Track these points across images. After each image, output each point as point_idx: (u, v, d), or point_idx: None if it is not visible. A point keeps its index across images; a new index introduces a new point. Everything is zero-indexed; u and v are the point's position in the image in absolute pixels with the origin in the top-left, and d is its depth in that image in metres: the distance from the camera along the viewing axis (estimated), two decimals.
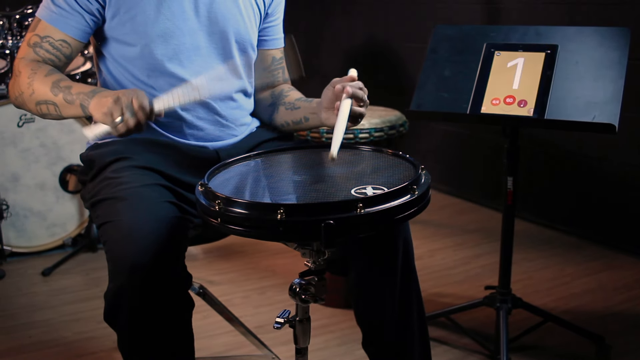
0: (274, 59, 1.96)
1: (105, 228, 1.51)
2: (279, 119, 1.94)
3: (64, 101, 1.59)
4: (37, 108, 1.65)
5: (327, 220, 1.20)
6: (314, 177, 1.44)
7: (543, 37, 2.14)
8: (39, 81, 1.62)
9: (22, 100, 1.67)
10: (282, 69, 1.98)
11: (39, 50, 1.68)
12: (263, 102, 1.98)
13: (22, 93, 1.66)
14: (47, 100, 1.62)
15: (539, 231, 3.57)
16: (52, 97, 1.61)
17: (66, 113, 1.62)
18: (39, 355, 2.36)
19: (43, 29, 1.69)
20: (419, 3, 4.28)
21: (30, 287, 2.91)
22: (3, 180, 3.09)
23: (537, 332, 2.38)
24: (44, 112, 1.64)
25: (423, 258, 3.25)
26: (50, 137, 3.15)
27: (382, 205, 1.25)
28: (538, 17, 3.53)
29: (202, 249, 3.34)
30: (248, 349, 2.35)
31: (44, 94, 1.62)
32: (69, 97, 1.59)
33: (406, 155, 1.49)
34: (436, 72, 2.21)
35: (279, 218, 1.22)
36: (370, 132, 2.59)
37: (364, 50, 4.82)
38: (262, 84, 1.97)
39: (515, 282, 2.91)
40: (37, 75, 1.63)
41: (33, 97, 1.64)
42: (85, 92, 1.57)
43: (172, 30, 1.71)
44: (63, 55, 1.71)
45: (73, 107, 1.59)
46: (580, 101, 2.00)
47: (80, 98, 1.57)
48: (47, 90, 1.61)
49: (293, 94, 1.93)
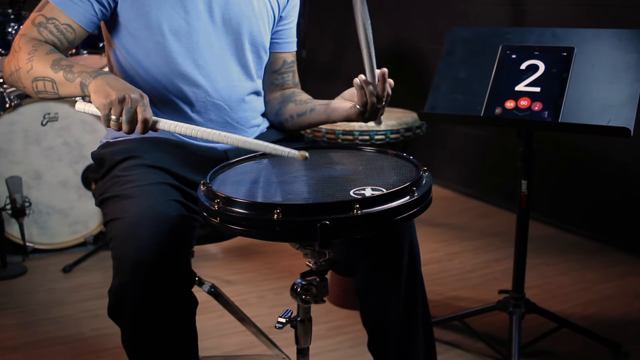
0: (285, 62, 1.97)
1: (110, 225, 1.53)
2: (285, 113, 1.92)
3: (63, 78, 1.55)
4: (33, 85, 1.60)
5: (323, 221, 1.20)
6: (316, 178, 1.44)
7: (560, 39, 2.11)
8: (39, 58, 1.58)
9: (18, 77, 1.62)
10: (293, 73, 1.98)
11: (42, 30, 1.65)
12: (272, 101, 1.98)
13: (19, 69, 1.61)
14: (45, 77, 1.57)
15: (560, 236, 3.53)
16: (51, 73, 1.56)
17: (63, 91, 1.57)
18: (54, 351, 2.40)
19: (50, 10, 1.66)
20: (443, 5, 4.26)
21: (50, 283, 2.96)
22: (27, 178, 3.14)
23: (551, 338, 2.35)
24: (40, 89, 1.60)
25: (442, 261, 3.23)
26: (73, 136, 3.20)
27: (380, 207, 1.25)
28: (563, 19, 3.49)
29: (222, 249, 3.36)
30: (260, 349, 2.36)
31: (42, 71, 1.57)
32: (69, 75, 1.54)
33: (409, 156, 1.49)
34: (451, 74, 2.20)
35: (275, 218, 1.22)
36: (386, 133, 2.59)
37: (389, 52, 4.81)
38: (272, 86, 1.97)
39: (534, 287, 2.89)
40: (37, 52, 1.59)
41: (30, 72, 1.59)
42: (88, 72, 1.53)
43: (186, 28, 1.72)
44: (66, 39, 1.68)
45: (72, 86, 1.54)
46: (596, 104, 1.97)
47: (82, 76, 1.53)
48: (46, 67, 1.57)
49: (305, 95, 1.94)
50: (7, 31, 3.28)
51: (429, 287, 2.92)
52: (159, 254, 1.42)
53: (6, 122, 3.08)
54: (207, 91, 1.77)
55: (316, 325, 2.56)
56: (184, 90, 1.76)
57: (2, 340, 2.47)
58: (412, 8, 4.53)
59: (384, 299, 1.66)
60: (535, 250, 3.32)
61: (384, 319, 1.68)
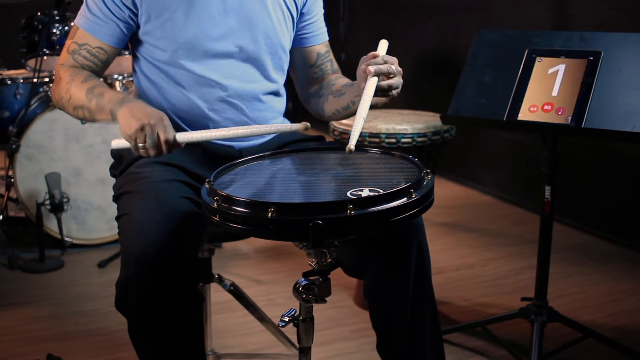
0: (319, 54, 1.96)
1: (121, 220, 1.57)
2: (328, 108, 1.92)
3: (96, 107, 1.64)
4: (74, 112, 1.72)
5: (315, 221, 1.21)
6: (317, 178, 1.45)
7: (587, 43, 2.07)
8: (76, 87, 1.69)
9: (62, 105, 1.75)
10: (330, 62, 1.98)
11: (77, 57, 1.75)
12: (314, 95, 1.97)
13: (61, 98, 1.73)
14: (83, 106, 1.68)
15: (599, 244, 3.46)
16: (86, 102, 1.66)
17: (99, 118, 1.67)
18: (81, 343, 2.46)
19: (81, 37, 1.75)
20: (487, 9, 4.22)
21: (85, 278, 3.03)
22: (66, 175, 3.23)
23: (576, 348, 2.30)
24: (80, 116, 1.71)
25: (474, 267, 3.20)
26: (112, 134, 3.28)
27: (374, 208, 1.25)
28: (604, 23, 3.42)
29: (254, 249, 3.39)
30: (281, 348, 2.37)
31: (79, 99, 1.68)
32: (101, 103, 1.63)
33: (414, 158, 1.48)
34: (476, 77, 2.18)
35: (269, 216, 1.24)
36: (413, 137, 2.57)
37: (433, 55, 4.78)
38: (312, 80, 1.98)
39: (566, 295, 2.84)
40: (74, 82, 1.70)
41: (70, 101, 1.70)
42: (115, 101, 1.61)
43: (200, 36, 1.75)
44: (100, 61, 1.77)
45: (105, 114, 1.63)
46: (621, 110, 1.93)
47: (111, 104, 1.61)
48: (82, 95, 1.67)
49: (340, 81, 1.92)
50: (52, 32, 3.37)
51: (457, 293, 2.93)
52: (164, 249, 1.44)
53: (48, 120, 3.18)
54: (224, 90, 1.79)
55: (340, 327, 2.59)
56: (200, 89, 1.79)
57: (33, 330, 2.55)
58: (458, 13, 4.50)
59: (392, 301, 1.66)
60: (572, 258, 3.27)
61: (392, 321, 1.68)
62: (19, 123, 3.29)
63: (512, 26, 4.00)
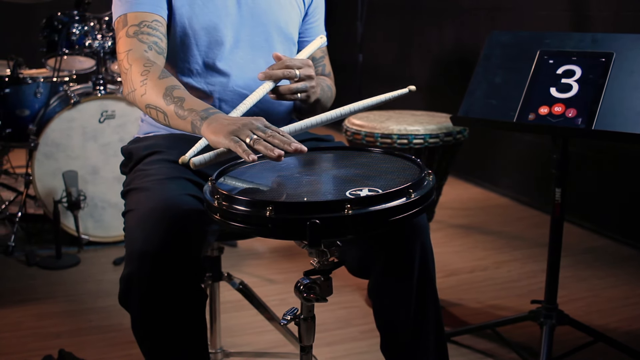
0: (314, 59, 1.98)
1: (127, 216, 1.59)
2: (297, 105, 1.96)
3: (174, 114, 1.54)
4: (146, 110, 1.62)
5: (313, 220, 1.22)
6: (318, 178, 1.45)
7: (599, 45, 2.06)
8: (152, 83, 1.60)
9: (133, 98, 1.65)
10: (323, 66, 2.00)
11: (142, 37, 1.69)
12: None
13: (134, 90, 1.63)
14: (158, 107, 1.58)
15: (615, 248, 3.42)
16: (163, 105, 1.56)
17: (174, 125, 1.57)
18: (94, 339, 2.49)
19: (134, 18, 1.71)
20: (507, 10, 4.19)
21: (100, 275, 3.07)
22: (83, 173, 3.27)
23: (586, 352, 2.28)
24: (153, 116, 1.62)
25: (488, 269, 3.18)
26: (129, 133, 3.31)
27: (372, 207, 1.25)
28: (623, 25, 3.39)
29: (268, 248, 3.41)
30: (290, 348, 2.38)
31: (155, 100, 1.58)
32: (180, 111, 1.53)
33: (417, 159, 1.48)
34: (487, 78, 2.17)
35: (267, 215, 1.24)
36: (424, 138, 2.57)
37: (453, 57, 4.77)
38: None
39: (580, 299, 2.82)
40: (150, 75, 1.61)
41: (144, 98, 1.61)
42: (198, 111, 1.51)
43: (216, 23, 1.78)
44: (161, 34, 1.73)
45: (183, 123, 1.53)
46: (632, 112, 1.91)
47: (192, 116, 1.50)
48: (159, 95, 1.57)
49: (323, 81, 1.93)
50: (71, 32, 3.41)
51: (471, 295, 2.92)
52: (166, 246, 1.45)
53: (66, 118, 3.22)
54: (235, 81, 1.81)
55: (350, 328, 2.60)
56: (212, 80, 1.81)
57: (47, 326, 2.59)
58: (479, 15, 4.48)
59: (395, 302, 1.66)
60: (586, 261, 3.24)
61: (395, 321, 1.68)
62: (38, 122, 3.33)
63: (530, 28, 3.97)
